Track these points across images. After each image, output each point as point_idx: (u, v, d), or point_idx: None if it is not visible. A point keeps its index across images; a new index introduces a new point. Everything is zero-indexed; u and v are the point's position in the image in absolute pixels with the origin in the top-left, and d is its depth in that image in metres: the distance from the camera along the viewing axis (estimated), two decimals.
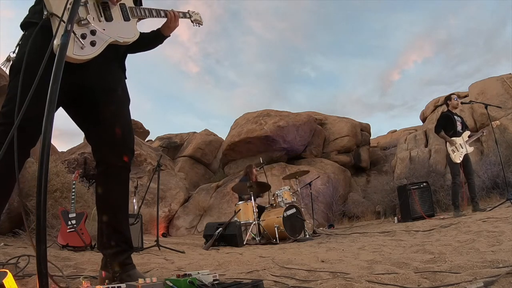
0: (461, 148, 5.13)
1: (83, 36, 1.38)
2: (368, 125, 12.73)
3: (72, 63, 1.36)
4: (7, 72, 1.44)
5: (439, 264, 1.70)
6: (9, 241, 3.64)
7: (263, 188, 5.55)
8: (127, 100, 1.69)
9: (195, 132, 14.09)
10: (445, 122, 5.28)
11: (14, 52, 1.38)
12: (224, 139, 12.13)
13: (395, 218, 6.15)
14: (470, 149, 5.21)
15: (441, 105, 10.42)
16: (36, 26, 1.36)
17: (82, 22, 1.38)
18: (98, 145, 1.61)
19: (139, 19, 1.65)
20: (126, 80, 1.75)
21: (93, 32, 1.41)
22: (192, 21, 1.95)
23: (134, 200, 5.25)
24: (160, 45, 1.91)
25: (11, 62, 1.40)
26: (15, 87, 1.32)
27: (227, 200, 9.14)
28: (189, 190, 10.37)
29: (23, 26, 1.48)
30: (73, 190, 3.91)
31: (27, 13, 1.50)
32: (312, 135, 10.85)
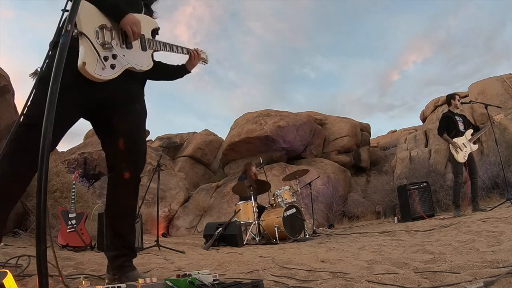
0: (464, 147, 5.10)
1: (106, 59, 1.49)
2: (368, 125, 12.73)
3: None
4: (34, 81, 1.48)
5: (439, 264, 1.70)
6: (9, 241, 3.64)
7: (263, 187, 5.55)
8: (144, 114, 1.77)
9: (195, 132, 14.09)
10: (446, 123, 5.26)
11: (42, 68, 1.45)
12: (224, 139, 12.13)
13: (395, 218, 6.14)
14: (475, 147, 5.17)
15: (441, 105, 10.42)
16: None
17: (106, 46, 1.50)
18: (111, 153, 1.68)
19: (155, 51, 1.77)
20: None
21: (114, 56, 1.53)
22: (201, 61, 2.10)
23: None
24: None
25: (39, 74, 1.46)
26: (43, 95, 1.31)
27: (227, 200, 9.14)
28: (189, 190, 10.37)
29: (52, 45, 1.55)
30: (73, 190, 3.91)
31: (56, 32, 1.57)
32: (312, 135, 10.85)
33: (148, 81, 1.88)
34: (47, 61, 1.47)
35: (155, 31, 1.81)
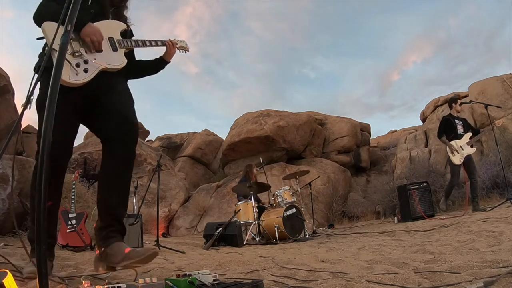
0: (461, 150, 5.25)
1: (77, 65, 1.66)
2: (368, 125, 12.73)
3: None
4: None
5: (439, 264, 1.70)
6: (9, 241, 3.64)
7: (263, 188, 5.55)
8: (127, 90, 1.91)
9: (195, 132, 14.09)
10: (445, 126, 5.41)
11: (31, 96, 1.54)
12: (224, 139, 12.13)
13: (395, 218, 6.14)
14: (472, 150, 5.30)
15: (441, 105, 10.42)
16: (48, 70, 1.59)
17: (76, 54, 1.67)
18: (105, 128, 1.76)
19: (128, 49, 1.91)
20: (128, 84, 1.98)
21: (86, 62, 1.69)
22: (178, 48, 2.19)
23: (134, 200, 5.24)
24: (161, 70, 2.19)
25: (33, 102, 1.56)
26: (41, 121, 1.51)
27: (227, 200, 9.14)
28: (189, 190, 10.36)
29: (36, 69, 1.73)
30: (73, 190, 3.91)
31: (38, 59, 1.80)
32: (312, 135, 10.85)
33: (148, 81, 1.96)
34: (34, 86, 1.52)
35: (126, 32, 1.95)
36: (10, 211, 3.90)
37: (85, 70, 1.67)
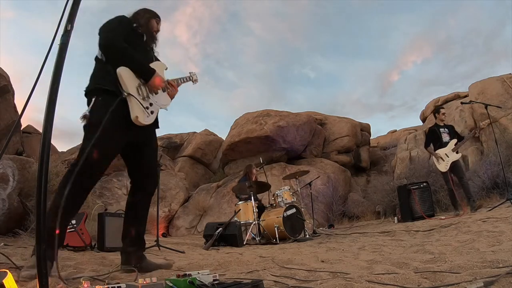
0: (446, 157, 5.49)
1: (147, 108, 1.98)
2: (368, 125, 12.73)
3: (135, 125, 1.96)
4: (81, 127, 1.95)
5: (439, 264, 1.70)
6: (9, 241, 3.64)
7: (263, 188, 5.55)
8: (156, 148, 2.32)
9: (195, 132, 14.08)
10: (431, 136, 5.74)
11: (89, 111, 1.88)
12: (224, 139, 12.13)
13: (395, 218, 6.14)
14: (457, 156, 5.51)
15: (441, 104, 10.42)
16: (108, 92, 1.90)
17: (146, 98, 1.99)
18: (137, 175, 2.19)
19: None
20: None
21: (151, 104, 2.02)
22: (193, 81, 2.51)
23: None
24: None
25: (87, 120, 1.88)
26: (88, 141, 1.79)
27: (227, 200, 9.14)
28: (189, 190, 10.36)
29: (95, 90, 1.95)
30: None
31: (92, 78, 2.02)
32: (312, 135, 10.85)
33: None
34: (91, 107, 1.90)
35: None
36: (10, 211, 3.90)
37: (151, 112, 2.01)
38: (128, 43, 1.99)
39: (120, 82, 1.90)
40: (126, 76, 1.92)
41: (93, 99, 1.90)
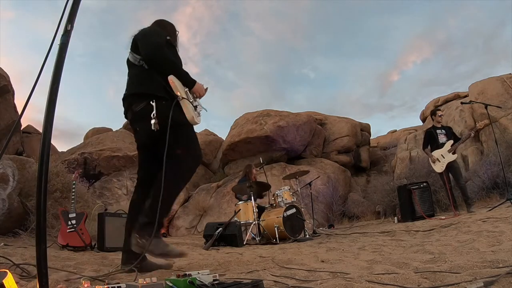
0: (442, 158, 5.58)
1: (195, 109, 2.18)
2: (368, 125, 12.73)
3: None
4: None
5: (439, 264, 1.70)
6: (9, 241, 3.64)
7: (263, 188, 5.55)
8: None
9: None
10: (428, 138, 5.86)
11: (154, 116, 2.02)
12: (224, 139, 12.13)
13: (395, 218, 6.14)
14: (454, 157, 5.57)
15: (441, 105, 10.43)
16: (163, 99, 2.07)
17: (192, 102, 2.16)
18: (155, 166, 2.24)
19: None
20: None
21: (196, 107, 2.21)
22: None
23: None
24: None
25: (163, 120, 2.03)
26: (189, 133, 2.21)
27: (227, 200, 9.14)
28: (189, 190, 10.37)
29: (150, 96, 2.07)
30: (73, 190, 3.91)
31: (139, 85, 2.16)
32: (312, 135, 10.85)
33: None
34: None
35: None
36: (10, 211, 3.90)
37: (199, 113, 2.23)
38: None
39: (173, 87, 2.08)
40: (177, 82, 2.11)
41: (154, 103, 2.03)
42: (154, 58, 2.11)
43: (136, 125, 2.20)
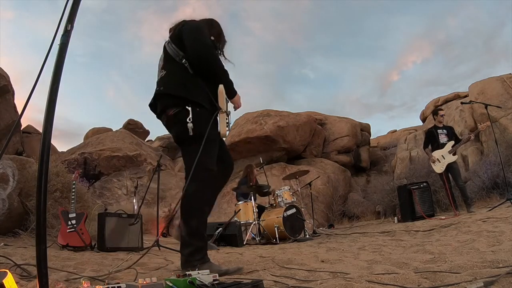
0: (442, 159, 5.58)
1: (228, 122, 2.09)
2: (368, 125, 12.73)
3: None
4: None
5: (439, 264, 1.70)
6: (9, 241, 3.64)
7: (264, 193, 5.53)
8: None
9: None
10: (428, 138, 5.86)
11: (191, 122, 1.93)
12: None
13: (395, 218, 6.14)
14: (454, 158, 5.58)
15: (441, 104, 10.43)
16: (198, 106, 1.95)
17: (228, 114, 2.08)
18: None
19: None
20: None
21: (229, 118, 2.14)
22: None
23: (134, 200, 5.25)
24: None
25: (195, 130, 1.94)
26: (212, 148, 2.04)
27: (227, 200, 9.14)
28: None
29: (192, 103, 1.95)
30: (73, 190, 3.91)
31: (183, 87, 1.99)
32: (312, 135, 10.85)
33: (149, 82, 2.34)
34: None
35: None
36: (10, 211, 3.90)
37: (229, 127, 2.13)
38: None
39: (219, 98, 1.99)
40: (223, 94, 2.02)
41: (190, 109, 1.93)
42: (204, 61, 1.95)
43: (169, 129, 2.12)
